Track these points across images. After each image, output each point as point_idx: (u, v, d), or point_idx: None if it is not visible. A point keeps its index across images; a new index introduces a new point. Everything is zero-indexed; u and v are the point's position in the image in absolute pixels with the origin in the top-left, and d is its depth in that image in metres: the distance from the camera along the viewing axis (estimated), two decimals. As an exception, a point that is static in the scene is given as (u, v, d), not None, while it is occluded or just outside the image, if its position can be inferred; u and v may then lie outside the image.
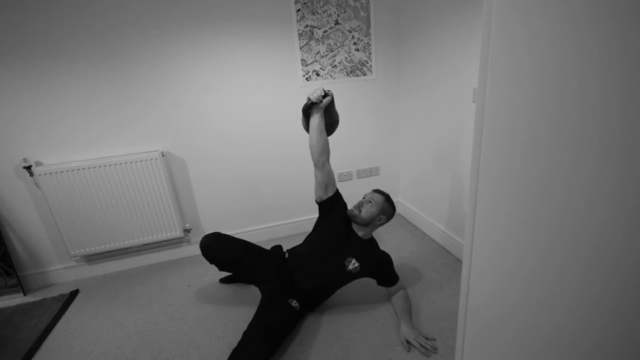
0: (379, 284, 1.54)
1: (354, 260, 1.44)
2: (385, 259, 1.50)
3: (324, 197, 1.51)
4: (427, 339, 1.32)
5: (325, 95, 1.38)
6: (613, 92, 0.42)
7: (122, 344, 1.46)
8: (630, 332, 0.46)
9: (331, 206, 1.52)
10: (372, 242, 1.55)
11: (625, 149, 0.42)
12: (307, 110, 1.41)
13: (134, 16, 1.70)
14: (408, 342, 1.32)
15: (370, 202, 1.49)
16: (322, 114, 1.42)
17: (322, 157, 1.43)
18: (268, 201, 2.24)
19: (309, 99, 1.37)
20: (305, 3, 1.91)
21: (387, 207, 1.50)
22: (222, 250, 1.49)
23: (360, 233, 1.50)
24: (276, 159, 2.16)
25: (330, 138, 1.55)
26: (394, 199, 2.52)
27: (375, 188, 1.62)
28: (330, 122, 1.48)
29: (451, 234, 1.94)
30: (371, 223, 1.49)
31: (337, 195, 1.54)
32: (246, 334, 1.24)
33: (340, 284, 1.49)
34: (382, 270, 1.49)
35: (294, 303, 1.39)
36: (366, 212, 1.47)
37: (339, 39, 2.03)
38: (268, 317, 1.30)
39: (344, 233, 1.49)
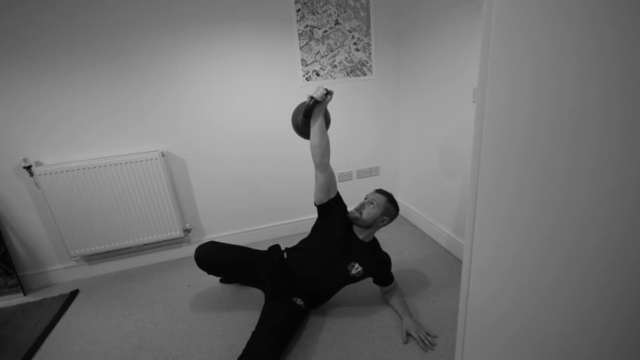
0: (374, 282, 1.56)
1: (357, 265, 1.41)
2: (385, 260, 1.50)
3: (325, 200, 1.45)
4: (428, 334, 1.34)
5: (327, 93, 1.34)
6: (612, 92, 0.42)
7: (122, 344, 1.46)
8: (629, 332, 0.46)
9: (332, 209, 1.47)
10: (374, 243, 1.53)
11: (625, 147, 0.42)
12: (311, 111, 1.37)
13: (134, 17, 1.70)
14: (409, 334, 1.34)
15: (372, 203, 1.44)
16: (323, 114, 1.38)
17: (324, 159, 1.39)
18: (268, 201, 2.24)
19: (312, 97, 1.32)
20: (305, 3, 1.91)
21: (389, 208, 1.45)
22: (218, 257, 1.45)
23: (361, 236, 1.46)
24: (276, 159, 2.16)
25: (330, 138, 1.51)
26: (394, 199, 2.52)
27: (377, 188, 1.55)
28: (326, 122, 1.44)
29: (451, 234, 1.94)
30: (373, 225, 1.44)
31: (338, 198, 1.48)
32: (254, 336, 1.25)
33: (343, 286, 1.49)
34: (381, 272, 1.50)
35: (299, 301, 1.39)
36: (367, 213, 1.42)
37: (339, 39, 2.03)
38: (274, 317, 1.30)
39: (345, 237, 1.45)
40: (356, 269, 1.41)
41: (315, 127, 1.37)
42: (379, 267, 1.48)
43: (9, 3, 1.55)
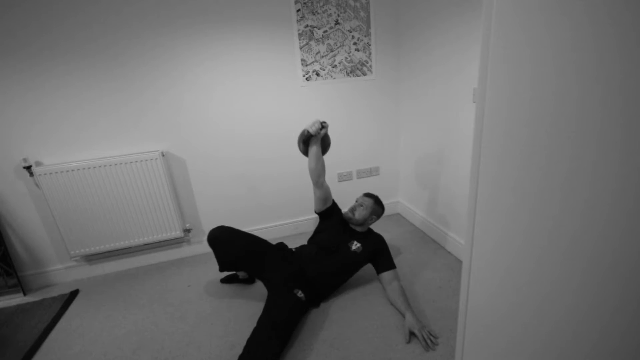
0: (378, 271, 1.65)
1: (355, 242, 1.66)
2: (380, 238, 1.72)
3: (323, 209, 1.74)
4: (430, 334, 1.34)
5: (322, 127, 1.59)
6: (612, 92, 0.42)
7: (122, 344, 1.46)
8: (629, 332, 0.46)
9: (329, 215, 1.75)
10: (369, 231, 1.77)
11: (624, 148, 0.42)
12: (307, 141, 1.62)
13: (135, 17, 1.70)
14: (412, 332, 1.35)
15: (362, 205, 1.71)
16: (320, 142, 1.62)
17: (320, 179, 1.65)
18: (268, 201, 2.24)
19: (307, 131, 1.57)
20: (305, 3, 1.91)
21: (376, 208, 1.73)
22: (230, 240, 1.56)
23: (357, 230, 1.73)
24: (277, 159, 2.16)
25: (330, 138, 1.72)
26: (394, 199, 2.53)
27: (365, 192, 1.81)
28: (324, 147, 1.69)
29: (451, 234, 1.94)
30: (364, 223, 1.72)
31: (334, 205, 1.77)
32: (256, 331, 1.28)
33: (347, 268, 1.62)
34: (380, 252, 1.67)
35: (300, 293, 1.44)
36: (359, 214, 1.70)
37: (339, 39, 2.03)
38: (275, 311, 1.34)
39: (344, 231, 1.70)
40: (355, 244, 1.65)
41: (311, 154, 1.63)
42: (377, 246, 1.68)
43: (8, 3, 1.55)
